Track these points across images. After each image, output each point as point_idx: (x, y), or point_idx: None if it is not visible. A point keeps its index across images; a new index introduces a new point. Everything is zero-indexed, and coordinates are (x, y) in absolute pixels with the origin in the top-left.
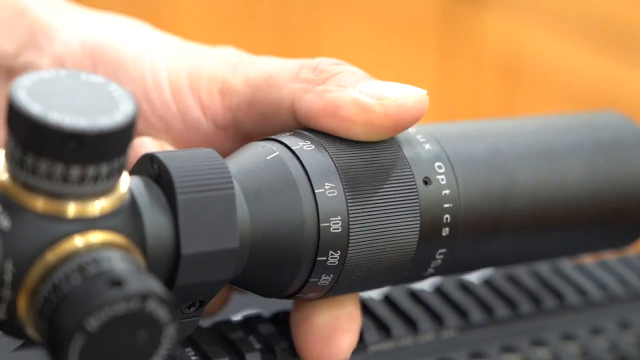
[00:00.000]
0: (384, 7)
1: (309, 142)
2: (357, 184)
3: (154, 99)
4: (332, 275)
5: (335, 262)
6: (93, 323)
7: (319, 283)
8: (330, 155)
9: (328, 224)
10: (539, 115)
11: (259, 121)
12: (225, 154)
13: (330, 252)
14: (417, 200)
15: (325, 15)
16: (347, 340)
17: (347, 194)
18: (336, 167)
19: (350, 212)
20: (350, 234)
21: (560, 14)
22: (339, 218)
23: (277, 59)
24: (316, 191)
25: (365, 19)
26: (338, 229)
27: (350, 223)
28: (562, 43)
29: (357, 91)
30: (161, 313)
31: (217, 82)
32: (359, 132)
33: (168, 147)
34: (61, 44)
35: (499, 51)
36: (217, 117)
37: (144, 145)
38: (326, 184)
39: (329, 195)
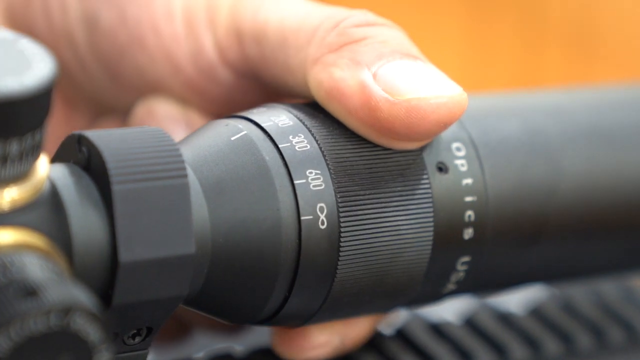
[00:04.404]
0: None
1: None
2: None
3: (163, 31)
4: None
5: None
6: (2, 344)
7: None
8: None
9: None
10: (594, 86)
11: (274, 84)
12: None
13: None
14: (429, 193)
15: None
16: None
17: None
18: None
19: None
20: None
21: None
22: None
23: (304, 5)
24: (295, 182)
25: None
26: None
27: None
28: None
29: (371, 74)
30: (90, 331)
31: (236, 22)
32: (366, 132)
33: (172, 106)
34: None
35: (564, 14)
36: (234, 63)
37: (152, 108)
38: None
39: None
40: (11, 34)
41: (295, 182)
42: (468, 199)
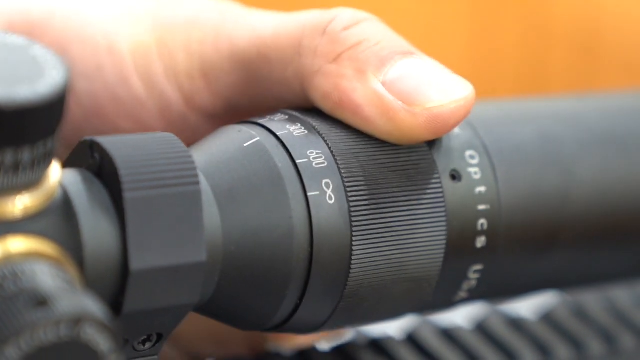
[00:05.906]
0: None
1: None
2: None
3: (122, 97)
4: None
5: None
6: (12, 354)
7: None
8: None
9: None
10: (609, 93)
11: (264, 103)
12: None
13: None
14: (442, 201)
15: None
16: None
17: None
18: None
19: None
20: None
21: None
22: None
23: (271, 16)
24: (308, 190)
25: None
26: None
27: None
28: None
29: (380, 83)
30: (101, 342)
31: (195, 59)
32: (383, 135)
33: None
34: None
35: (569, 15)
36: (205, 106)
37: None
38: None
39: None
40: (24, 39)
41: (308, 189)
42: (481, 207)
